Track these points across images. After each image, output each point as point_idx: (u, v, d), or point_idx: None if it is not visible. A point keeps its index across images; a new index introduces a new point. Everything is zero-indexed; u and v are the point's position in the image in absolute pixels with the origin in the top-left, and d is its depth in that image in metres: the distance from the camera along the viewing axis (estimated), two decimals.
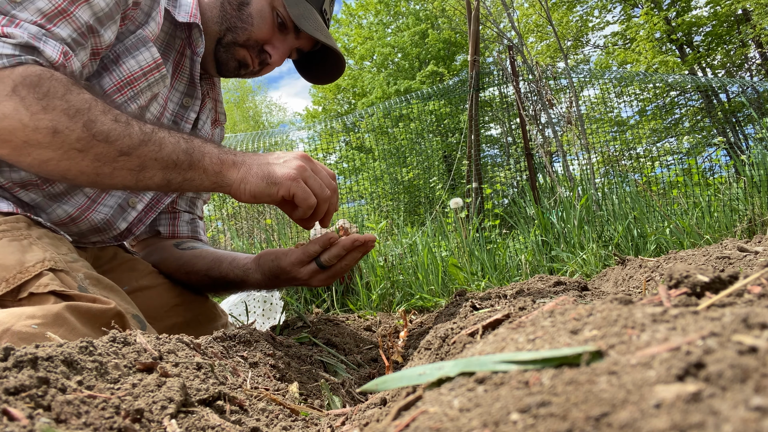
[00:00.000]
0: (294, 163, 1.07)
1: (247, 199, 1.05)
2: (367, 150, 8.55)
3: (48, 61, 0.94)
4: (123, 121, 0.97)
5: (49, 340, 0.70)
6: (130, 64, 1.17)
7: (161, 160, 0.99)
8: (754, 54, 14.75)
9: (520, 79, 4.32)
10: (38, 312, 0.82)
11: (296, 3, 1.27)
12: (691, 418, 0.19)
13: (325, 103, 22.37)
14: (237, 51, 1.30)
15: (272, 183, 1.04)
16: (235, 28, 1.27)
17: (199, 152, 1.03)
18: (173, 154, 1.00)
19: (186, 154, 1.02)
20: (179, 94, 1.37)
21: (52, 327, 0.80)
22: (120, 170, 0.98)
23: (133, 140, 0.97)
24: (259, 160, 1.08)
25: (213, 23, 1.28)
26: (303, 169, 1.07)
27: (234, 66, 1.33)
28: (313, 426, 0.67)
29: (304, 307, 2.39)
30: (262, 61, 1.34)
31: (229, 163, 1.05)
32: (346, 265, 1.25)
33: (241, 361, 0.83)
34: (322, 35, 1.30)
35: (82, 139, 0.92)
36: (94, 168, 0.95)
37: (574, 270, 2.52)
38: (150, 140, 0.99)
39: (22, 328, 0.78)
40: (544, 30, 15.87)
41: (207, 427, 0.51)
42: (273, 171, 1.05)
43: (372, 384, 0.41)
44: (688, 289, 0.43)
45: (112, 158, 0.96)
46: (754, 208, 2.63)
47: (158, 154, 0.99)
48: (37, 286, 0.89)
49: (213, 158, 1.04)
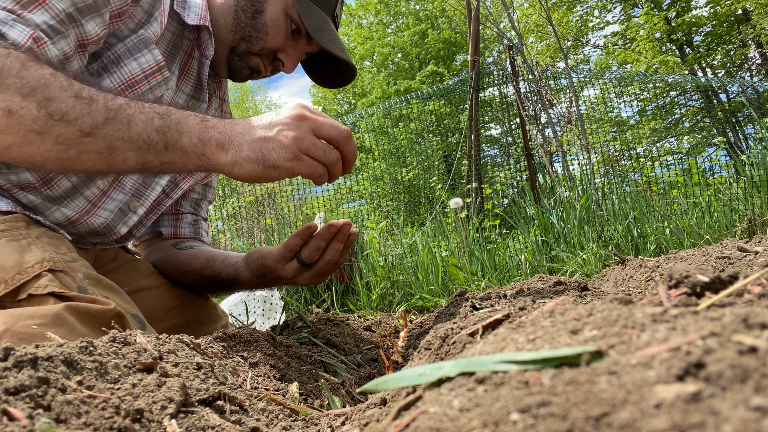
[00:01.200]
0: (288, 135, 0.92)
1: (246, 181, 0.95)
2: (367, 150, 8.56)
3: (12, 44, 0.89)
4: (85, 96, 0.87)
5: (48, 340, 0.70)
6: (131, 66, 1.14)
7: (131, 141, 0.89)
8: (754, 54, 14.75)
9: (520, 79, 4.32)
10: (38, 312, 0.81)
11: (312, 13, 1.24)
12: (691, 418, 0.19)
13: (325, 103, 22.37)
14: (251, 59, 1.29)
15: (270, 167, 0.92)
16: (249, 38, 1.25)
17: (175, 131, 0.92)
18: (143, 133, 0.89)
19: (160, 134, 0.91)
20: (185, 96, 1.35)
21: (51, 327, 0.80)
22: (87, 154, 0.88)
23: (95, 119, 0.87)
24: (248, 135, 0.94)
25: (226, 31, 1.26)
26: (299, 140, 0.93)
27: (247, 73, 1.32)
28: (313, 426, 0.67)
29: (304, 307, 2.39)
30: (274, 69, 1.33)
31: (214, 144, 0.93)
32: (329, 260, 1.19)
33: (241, 361, 0.83)
34: (338, 48, 1.28)
35: (39, 119, 0.84)
36: (58, 152, 0.87)
37: (574, 270, 2.52)
38: (116, 118, 0.88)
39: (22, 328, 0.78)
40: (544, 30, 15.87)
41: (207, 427, 0.51)
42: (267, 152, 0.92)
43: (372, 384, 0.41)
44: (688, 289, 0.43)
45: (75, 140, 0.86)
46: (754, 208, 2.63)
47: (126, 133, 0.89)
48: (36, 287, 0.87)
49: (193, 137, 0.92)
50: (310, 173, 0.94)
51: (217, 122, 0.95)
